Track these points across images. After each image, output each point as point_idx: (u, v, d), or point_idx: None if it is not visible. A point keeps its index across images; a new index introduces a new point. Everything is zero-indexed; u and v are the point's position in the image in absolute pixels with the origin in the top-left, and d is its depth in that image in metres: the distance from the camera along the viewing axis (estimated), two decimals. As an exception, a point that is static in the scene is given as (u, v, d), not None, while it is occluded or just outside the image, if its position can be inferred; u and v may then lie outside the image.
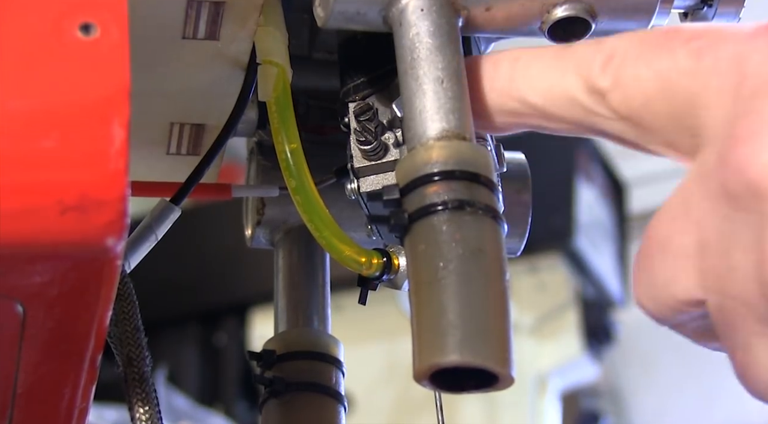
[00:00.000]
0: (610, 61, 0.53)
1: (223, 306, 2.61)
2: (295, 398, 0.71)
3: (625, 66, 0.53)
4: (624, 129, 0.54)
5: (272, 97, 0.63)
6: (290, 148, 0.62)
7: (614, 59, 0.53)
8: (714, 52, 0.51)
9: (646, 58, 0.52)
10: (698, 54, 0.51)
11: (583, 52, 0.54)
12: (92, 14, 0.49)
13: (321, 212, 0.62)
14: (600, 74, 0.53)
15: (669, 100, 0.52)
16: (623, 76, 0.53)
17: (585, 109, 0.54)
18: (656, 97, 0.52)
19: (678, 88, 0.51)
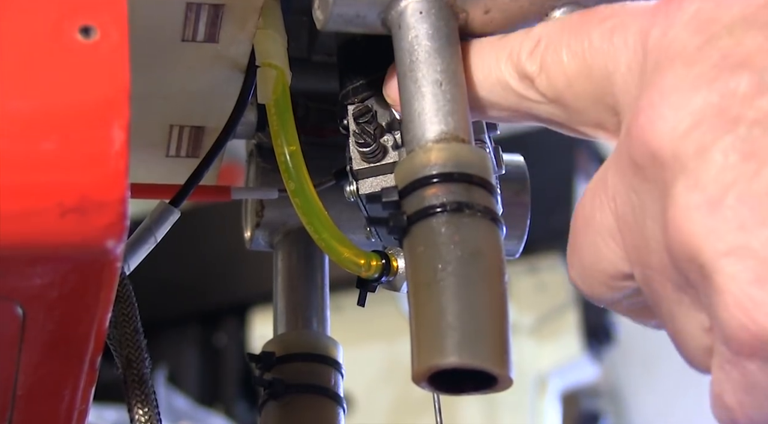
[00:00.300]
0: (537, 47, 0.55)
1: (223, 307, 2.60)
2: (294, 400, 0.71)
3: (549, 50, 0.55)
4: (554, 112, 0.56)
5: (271, 99, 0.64)
6: (289, 150, 0.62)
7: (540, 45, 0.55)
8: (624, 30, 0.52)
9: (567, 41, 0.54)
10: (611, 33, 0.53)
11: (514, 40, 0.57)
12: (92, 17, 0.49)
13: (320, 214, 0.62)
14: (528, 60, 0.55)
15: (589, 80, 0.53)
16: (547, 60, 0.55)
17: (517, 95, 0.56)
18: (577, 78, 0.54)
19: (595, 67, 0.53)
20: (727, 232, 0.45)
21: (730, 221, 0.45)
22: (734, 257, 0.44)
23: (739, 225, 0.45)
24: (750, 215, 0.44)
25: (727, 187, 0.45)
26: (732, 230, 0.45)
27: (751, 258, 0.44)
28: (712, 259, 0.45)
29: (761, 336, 0.44)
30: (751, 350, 0.45)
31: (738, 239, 0.45)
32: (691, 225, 0.46)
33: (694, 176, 0.46)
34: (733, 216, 0.45)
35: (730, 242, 0.45)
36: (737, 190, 0.45)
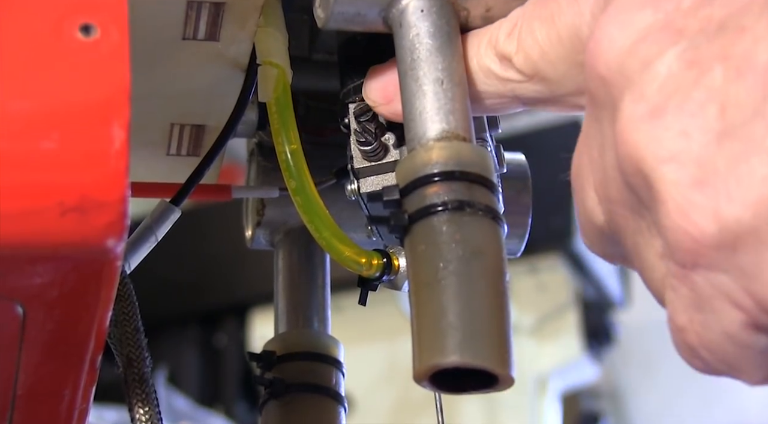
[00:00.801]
0: (514, 28, 0.56)
1: (223, 307, 2.61)
2: (295, 399, 0.71)
3: (524, 27, 0.55)
4: (536, 88, 0.56)
5: (272, 98, 0.63)
6: (290, 149, 0.62)
7: (516, 25, 0.56)
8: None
9: (538, 13, 0.55)
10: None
11: (494, 26, 0.57)
12: (92, 15, 0.49)
13: (321, 213, 0.62)
14: (505, 41, 0.56)
15: (560, 43, 0.54)
16: (522, 36, 0.55)
17: (499, 79, 0.57)
18: (550, 45, 0.54)
19: (563, 27, 0.54)
20: (668, 138, 0.45)
21: (671, 128, 0.45)
22: (675, 163, 0.45)
23: (680, 131, 0.45)
24: (690, 121, 0.45)
25: (668, 96, 0.46)
26: (673, 137, 0.45)
27: (691, 162, 0.44)
28: (654, 166, 0.45)
29: (702, 240, 0.44)
30: (694, 258, 0.45)
31: (678, 144, 0.45)
32: (636, 135, 0.46)
33: (638, 89, 0.47)
34: (674, 122, 0.45)
35: (671, 149, 0.45)
36: (678, 98, 0.45)
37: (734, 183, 0.43)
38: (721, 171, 0.44)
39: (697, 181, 0.44)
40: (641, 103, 0.46)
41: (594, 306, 2.47)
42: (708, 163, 0.44)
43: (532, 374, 2.31)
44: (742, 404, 2.94)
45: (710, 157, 0.44)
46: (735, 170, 0.44)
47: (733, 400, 2.95)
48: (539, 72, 0.55)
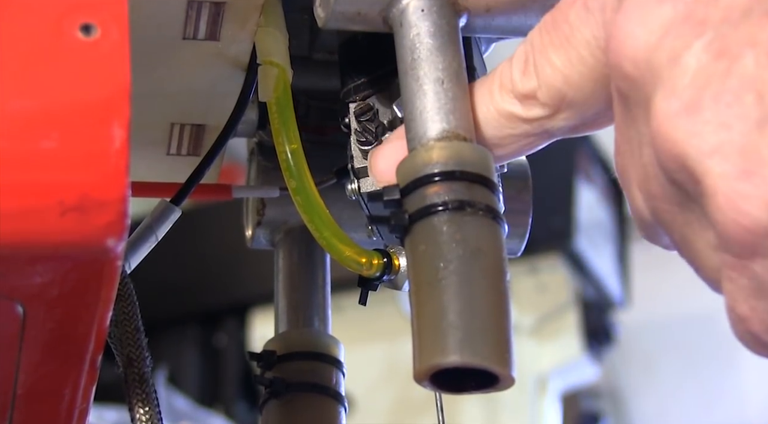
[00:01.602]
0: (527, 64, 0.54)
1: (223, 307, 2.61)
2: (295, 399, 0.71)
3: (538, 60, 0.54)
4: (566, 116, 0.55)
5: (272, 97, 0.63)
6: (290, 148, 0.62)
7: (528, 60, 0.54)
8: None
9: (549, 39, 0.54)
10: (584, 4, 0.52)
11: (501, 69, 0.56)
12: (93, 15, 0.49)
13: (321, 213, 0.62)
14: (523, 80, 0.55)
15: (581, 62, 0.53)
16: (540, 69, 0.54)
17: (525, 120, 0.55)
18: (570, 67, 0.53)
19: (579, 45, 0.52)
20: (709, 132, 0.45)
21: (710, 121, 0.45)
22: (718, 155, 0.45)
23: (719, 123, 0.45)
24: (728, 112, 0.45)
25: (702, 88, 0.45)
26: (713, 130, 0.45)
27: (735, 153, 0.44)
28: (699, 161, 0.45)
29: (756, 229, 0.44)
30: (752, 248, 0.45)
31: (720, 136, 0.45)
32: (674, 132, 0.46)
33: (669, 84, 0.46)
34: (712, 116, 0.45)
35: (713, 142, 0.45)
36: (712, 89, 0.45)
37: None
38: (767, 158, 0.44)
39: (743, 171, 0.44)
40: (674, 99, 0.46)
41: (594, 306, 2.48)
42: (752, 152, 0.44)
43: (532, 374, 2.32)
44: (742, 404, 2.94)
45: (754, 146, 0.44)
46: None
47: (733, 400, 2.95)
48: (566, 99, 0.54)
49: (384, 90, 0.63)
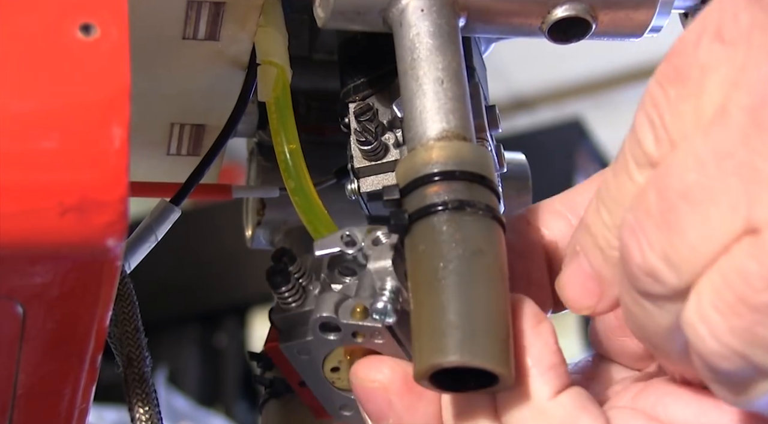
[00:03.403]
0: (657, 129, 0.48)
1: (223, 307, 2.61)
2: (295, 399, 0.71)
3: (668, 119, 0.47)
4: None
5: (272, 97, 0.63)
6: (289, 148, 0.62)
7: (656, 123, 0.48)
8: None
9: (676, 92, 0.47)
10: (714, 37, 0.46)
11: (629, 146, 0.49)
12: (92, 15, 0.49)
13: (319, 213, 0.62)
14: (658, 148, 0.47)
15: (712, 105, 0.46)
16: (673, 130, 0.47)
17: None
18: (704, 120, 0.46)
19: (714, 86, 0.46)
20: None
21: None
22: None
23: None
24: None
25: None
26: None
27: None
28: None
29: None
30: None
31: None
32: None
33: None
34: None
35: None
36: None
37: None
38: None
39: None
40: None
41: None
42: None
43: (532, 374, 2.31)
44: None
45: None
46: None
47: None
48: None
49: (384, 90, 0.63)
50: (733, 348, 0.43)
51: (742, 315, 0.43)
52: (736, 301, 0.43)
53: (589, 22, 0.60)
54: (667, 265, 0.45)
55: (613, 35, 0.61)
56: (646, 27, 0.62)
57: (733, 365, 0.44)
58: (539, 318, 0.53)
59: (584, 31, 0.60)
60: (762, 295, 0.42)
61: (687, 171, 0.44)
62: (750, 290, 0.42)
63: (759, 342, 0.43)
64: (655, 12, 0.61)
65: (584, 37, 0.60)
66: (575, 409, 0.51)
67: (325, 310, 0.57)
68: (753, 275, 0.42)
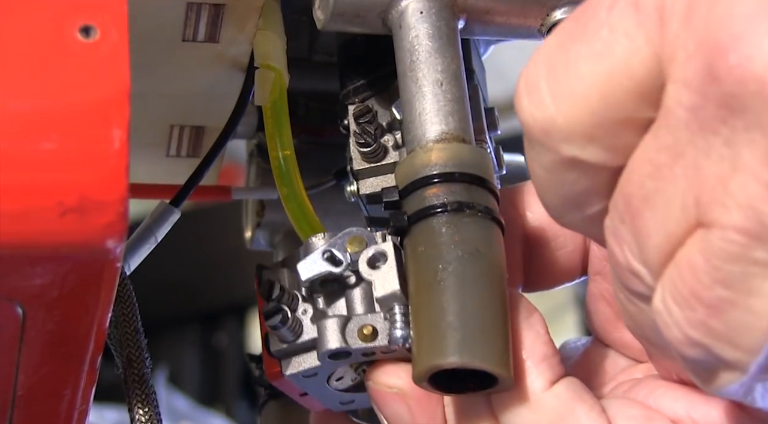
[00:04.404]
0: (536, 87, 0.47)
1: (222, 307, 2.60)
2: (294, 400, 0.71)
3: (561, 76, 0.46)
4: (597, 149, 0.48)
5: (268, 102, 0.63)
6: (283, 154, 0.62)
7: (539, 83, 0.47)
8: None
9: (577, 50, 0.46)
10: (629, 2, 0.45)
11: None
12: (92, 16, 0.49)
13: (311, 221, 0.61)
14: (537, 109, 0.47)
15: (622, 71, 0.45)
16: (561, 89, 0.46)
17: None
18: (609, 80, 0.45)
19: (622, 50, 0.45)
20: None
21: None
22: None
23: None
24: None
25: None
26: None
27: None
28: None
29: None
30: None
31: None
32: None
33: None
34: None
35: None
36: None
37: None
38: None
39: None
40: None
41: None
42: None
43: (532, 374, 2.31)
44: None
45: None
46: None
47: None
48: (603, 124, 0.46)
49: (383, 92, 0.63)
50: (693, 338, 0.44)
51: (695, 308, 0.43)
52: (688, 294, 0.44)
53: (588, 24, 0.60)
54: (644, 265, 0.46)
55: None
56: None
57: (696, 354, 0.44)
58: (530, 310, 0.55)
59: (583, 32, 0.60)
60: (710, 290, 0.43)
61: (645, 177, 0.45)
62: (699, 285, 0.43)
63: (714, 335, 0.43)
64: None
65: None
66: (570, 399, 0.52)
67: (333, 341, 0.55)
68: (700, 270, 0.43)
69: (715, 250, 0.42)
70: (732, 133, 0.42)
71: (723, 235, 0.42)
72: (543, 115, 0.46)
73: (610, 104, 0.45)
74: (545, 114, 0.46)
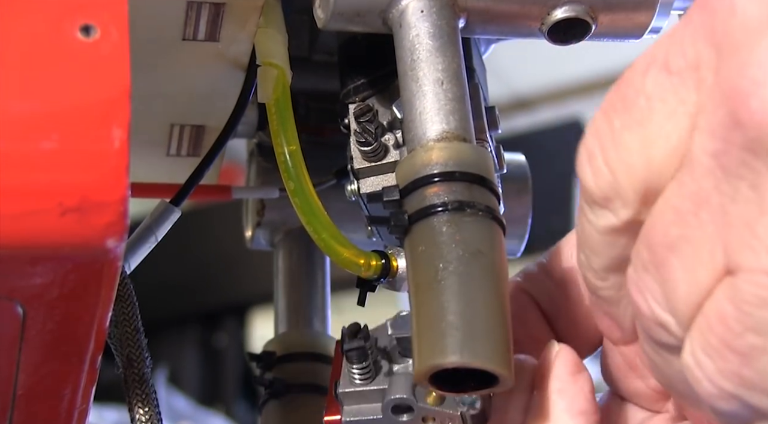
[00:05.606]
0: (595, 160, 0.48)
1: (223, 307, 2.61)
2: (295, 399, 0.71)
3: (609, 150, 0.47)
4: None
5: (272, 99, 0.63)
6: (289, 150, 0.62)
7: (596, 155, 0.47)
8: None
9: (622, 122, 0.47)
10: (662, 67, 0.46)
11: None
12: (92, 16, 0.49)
13: (319, 215, 0.62)
14: (597, 182, 0.48)
15: (660, 136, 0.46)
16: (614, 161, 0.47)
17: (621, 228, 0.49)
18: (649, 146, 0.46)
19: (660, 116, 0.46)
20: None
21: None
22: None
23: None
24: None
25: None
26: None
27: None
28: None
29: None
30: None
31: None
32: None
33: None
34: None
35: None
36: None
37: None
38: None
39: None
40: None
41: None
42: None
43: (531, 374, 2.31)
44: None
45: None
46: None
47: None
48: (651, 186, 0.47)
49: (383, 91, 0.63)
50: (726, 390, 0.44)
51: (727, 358, 0.43)
52: (719, 344, 0.43)
53: (589, 23, 0.60)
54: (671, 314, 0.45)
55: (613, 36, 0.61)
56: (645, 28, 0.62)
57: (730, 406, 0.44)
58: (579, 367, 0.55)
59: (584, 32, 0.60)
60: (741, 338, 0.42)
61: (669, 225, 0.45)
62: (730, 333, 0.43)
63: (748, 384, 0.43)
64: (655, 13, 0.61)
65: (584, 38, 0.60)
66: None
67: (402, 391, 0.57)
68: (730, 318, 0.43)
69: (745, 295, 0.42)
70: (757, 177, 0.42)
71: (752, 279, 0.42)
72: (602, 182, 0.47)
73: (655, 169, 0.46)
74: (604, 181, 0.47)
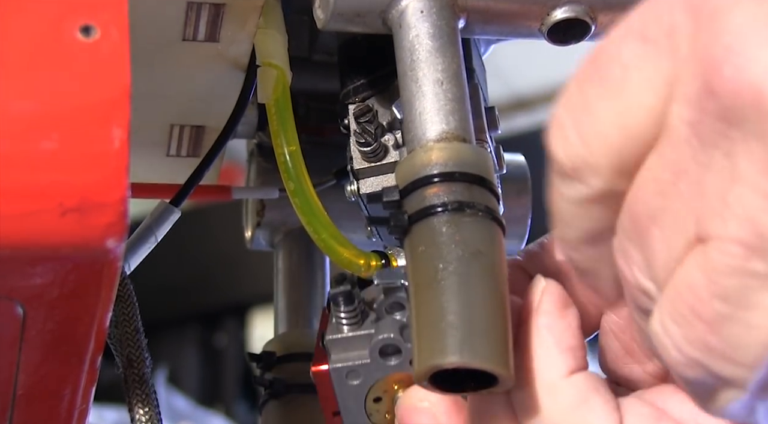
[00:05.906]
0: (566, 130, 0.47)
1: (223, 307, 2.61)
2: (294, 400, 0.71)
3: (583, 120, 0.46)
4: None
5: (272, 99, 0.64)
6: (289, 150, 0.62)
7: (567, 126, 0.47)
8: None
9: (596, 92, 0.46)
10: (638, 36, 0.45)
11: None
12: (92, 16, 0.49)
13: (319, 215, 0.62)
14: (569, 152, 0.47)
15: (636, 104, 0.45)
16: (588, 131, 0.47)
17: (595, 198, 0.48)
18: (625, 115, 0.46)
19: (635, 85, 0.45)
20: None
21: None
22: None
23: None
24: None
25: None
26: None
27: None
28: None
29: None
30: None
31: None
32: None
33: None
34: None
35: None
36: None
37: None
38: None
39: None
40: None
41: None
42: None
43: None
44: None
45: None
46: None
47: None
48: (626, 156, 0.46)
49: (383, 91, 0.63)
50: (692, 357, 0.44)
51: (694, 325, 0.43)
52: (687, 311, 0.43)
53: (589, 23, 0.60)
54: (652, 282, 0.46)
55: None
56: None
57: (696, 374, 0.44)
58: (567, 303, 0.54)
59: (583, 32, 0.60)
60: (708, 305, 0.43)
61: (650, 196, 0.45)
62: (697, 301, 0.43)
63: (713, 352, 0.43)
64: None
65: (584, 38, 0.60)
66: (587, 390, 0.52)
67: (389, 331, 0.57)
68: (698, 285, 0.43)
69: (714, 264, 0.42)
70: (731, 145, 0.42)
71: (721, 247, 0.42)
72: (573, 153, 0.47)
73: (631, 138, 0.45)
74: (575, 152, 0.47)
